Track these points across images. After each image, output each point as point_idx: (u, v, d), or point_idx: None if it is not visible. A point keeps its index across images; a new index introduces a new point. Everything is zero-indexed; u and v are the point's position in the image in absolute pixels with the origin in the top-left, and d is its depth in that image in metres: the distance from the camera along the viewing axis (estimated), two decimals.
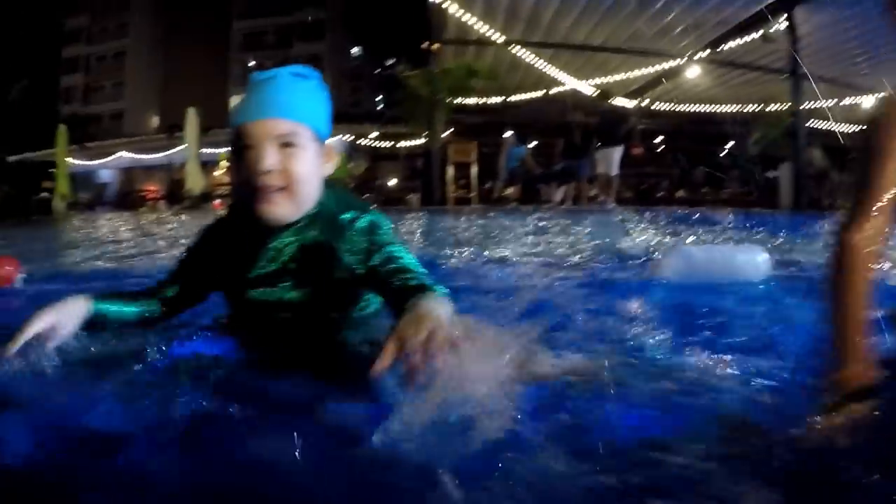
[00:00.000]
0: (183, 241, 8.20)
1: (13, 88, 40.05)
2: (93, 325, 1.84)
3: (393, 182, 31.87)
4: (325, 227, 1.90)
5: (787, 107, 16.98)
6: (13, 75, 41.45)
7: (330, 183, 1.98)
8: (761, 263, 3.31)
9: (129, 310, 1.96)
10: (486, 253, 5.26)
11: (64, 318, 1.73)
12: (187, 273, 2.08)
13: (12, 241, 10.06)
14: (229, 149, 1.91)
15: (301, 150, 1.81)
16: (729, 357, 1.86)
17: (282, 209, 1.82)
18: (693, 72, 19.65)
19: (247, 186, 1.80)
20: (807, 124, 16.70)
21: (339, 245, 1.88)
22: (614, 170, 14.02)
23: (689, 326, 2.24)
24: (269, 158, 1.76)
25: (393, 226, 1.95)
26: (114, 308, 1.93)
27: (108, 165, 39.41)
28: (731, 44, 17.08)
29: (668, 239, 6.25)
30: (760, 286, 3.21)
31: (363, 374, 1.36)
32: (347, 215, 1.91)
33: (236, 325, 2.09)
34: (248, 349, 1.98)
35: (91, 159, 37.92)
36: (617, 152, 13.89)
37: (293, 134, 1.80)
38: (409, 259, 1.82)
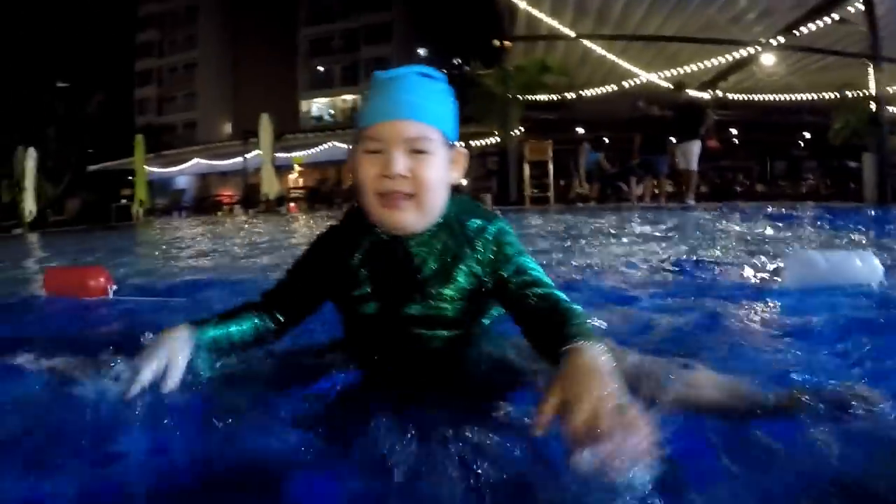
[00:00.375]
0: (262, 245, 8.38)
1: (90, 102, 41.14)
2: (213, 351, 1.77)
3: (465, 182, 31.81)
4: (451, 236, 1.80)
5: (867, 93, 16.48)
6: (90, 90, 42.61)
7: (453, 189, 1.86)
8: (877, 267, 3.13)
9: (242, 328, 1.86)
10: (584, 257, 5.04)
11: (174, 354, 1.64)
12: (301, 285, 1.97)
13: (98, 248, 10.34)
14: (350, 150, 1.85)
15: (431, 155, 1.71)
16: None
17: (408, 217, 1.73)
18: (767, 59, 19.13)
19: (372, 192, 1.72)
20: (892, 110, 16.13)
21: (466, 255, 1.78)
22: (693, 164, 13.82)
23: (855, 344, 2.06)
24: (399, 163, 1.67)
25: (516, 236, 1.84)
26: (225, 331, 1.83)
27: (184, 172, 40.30)
28: (806, 28, 16.54)
29: (767, 239, 6.06)
30: (879, 291, 3.01)
31: (492, 395, 1.43)
32: (474, 224, 1.81)
33: (355, 341, 1.99)
34: (371, 368, 1.90)
35: (167, 166, 38.82)
36: (696, 146, 13.69)
37: (424, 138, 1.70)
38: (538, 271, 1.74)
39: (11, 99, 37.57)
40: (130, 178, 30.10)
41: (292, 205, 24.43)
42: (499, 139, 19.40)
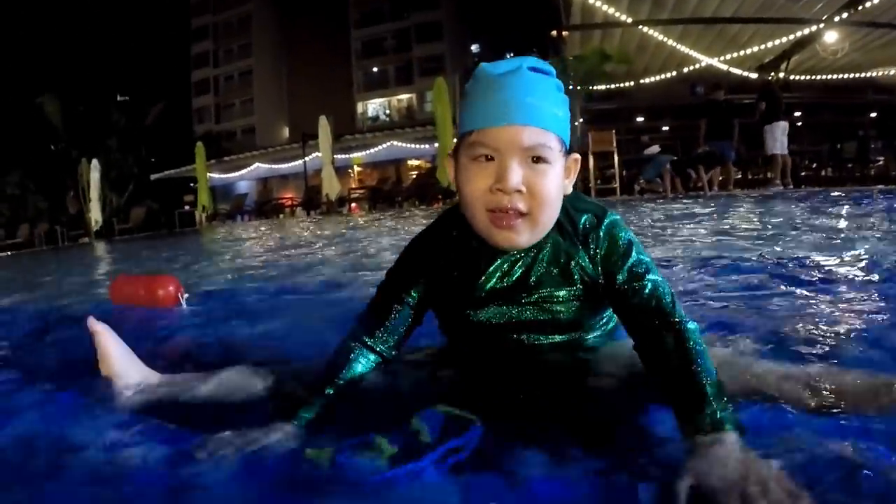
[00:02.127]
0: (327, 250, 8.37)
1: (150, 113, 41.96)
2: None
3: None
4: (562, 234, 1.65)
5: None
6: (149, 101, 43.46)
7: None
8: None
9: (351, 377, 1.67)
10: (676, 251, 4.85)
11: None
12: (402, 299, 1.74)
13: (166, 254, 10.47)
14: (450, 154, 1.65)
15: (550, 166, 1.51)
16: None
17: (521, 238, 1.55)
18: (830, 37, 18.63)
19: (481, 206, 1.54)
20: None
21: (579, 253, 1.64)
22: (780, 147, 13.52)
23: None
24: (515, 175, 1.48)
25: (628, 228, 1.67)
26: (333, 394, 1.62)
27: (245, 177, 40.94)
28: (870, 2, 15.99)
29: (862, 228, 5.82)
30: None
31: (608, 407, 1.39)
32: (585, 220, 1.65)
33: (464, 348, 1.86)
34: (478, 377, 1.80)
35: (228, 172, 39.47)
36: (780, 128, 13.39)
37: (543, 146, 1.50)
38: (654, 276, 1.58)
39: (74, 113, 38.52)
40: (193, 184, 30.61)
41: (354, 205, 24.54)
42: None
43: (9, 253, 19.38)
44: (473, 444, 1.40)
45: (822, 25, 17.68)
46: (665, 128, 19.96)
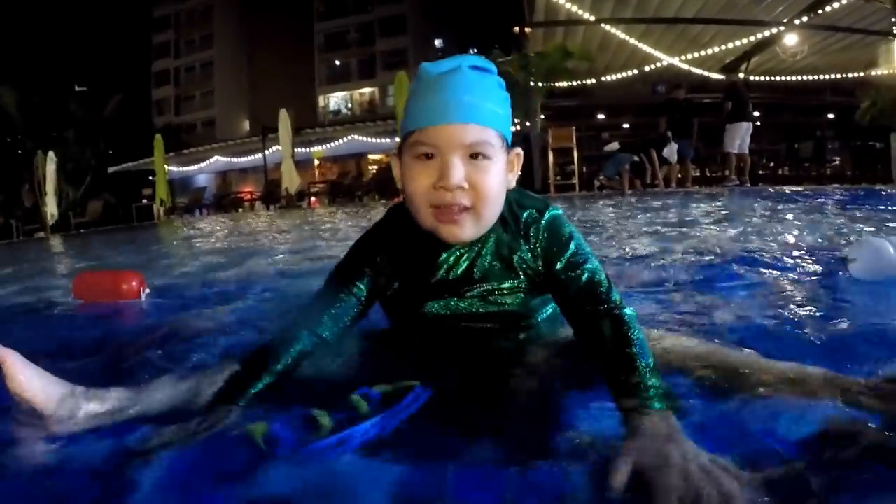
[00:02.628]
0: (285, 243, 8.37)
1: (108, 104, 41.45)
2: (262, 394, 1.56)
3: None
4: (505, 229, 1.69)
5: (893, 72, 16.26)
6: (108, 92, 42.94)
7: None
8: None
9: (288, 362, 1.63)
10: (627, 246, 4.94)
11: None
12: (349, 291, 1.74)
13: (122, 249, 10.39)
14: (395, 153, 1.69)
15: (492, 161, 1.56)
16: None
17: (466, 232, 1.59)
18: (790, 39, 18.91)
19: (425, 203, 1.57)
20: None
21: (520, 248, 1.69)
22: (741, 147, 13.71)
23: None
24: (457, 172, 1.51)
25: (569, 222, 1.72)
26: (272, 379, 1.59)
27: (204, 170, 40.67)
28: (829, 7, 16.25)
29: (818, 225, 5.94)
30: None
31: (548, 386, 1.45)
32: (527, 214, 1.69)
33: (409, 338, 1.87)
34: (423, 357, 1.82)
35: (187, 165, 39.17)
36: (743, 128, 13.58)
37: (484, 143, 1.54)
38: (591, 265, 1.63)
39: (30, 104, 37.94)
40: (151, 177, 30.35)
41: (314, 199, 24.49)
42: (520, 127, 19.35)
43: None
44: (416, 405, 1.45)
45: (782, 28, 17.94)
46: (625, 125, 20.12)
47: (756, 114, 14.09)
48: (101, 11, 65.86)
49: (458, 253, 1.71)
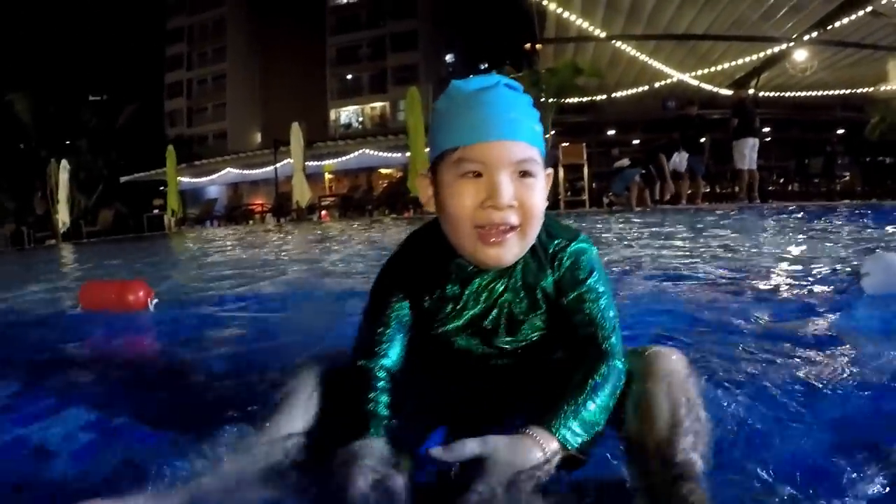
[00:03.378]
0: (293, 254, 8.38)
1: (122, 114, 41.63)
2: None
3: None
4: (534, 258, 1.61)
5: None
6: (121, 102, 43.11)
7: None
8: None
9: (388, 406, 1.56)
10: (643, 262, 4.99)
11: (382, 469, 1.35)
12: (396, 324, 1.65)
13: (133, 258, 10.41)
14: (426, 173, 1.59)
15: (537, 179, 1.48)
16: None
17: (510, 252, 1.50)
18: (799, 55, 18.91)
19: (470, 223, 1.47)
20: None
21: (545, 277, 1.61)
22: (749, 163, 13.68)
23: None
24: (509, 190, 1.43)
25: (598, 257, 1.65)
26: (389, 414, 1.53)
27: (216, 182, 40.66)
28: (838, 23, 16.27)
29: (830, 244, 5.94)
30: None
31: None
32: (556, 243, 1.61)
33: (434, 369, 1.77)
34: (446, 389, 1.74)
35: (199, 176, 39.19)
36: (748, 145, 13.55)
37: (531, 160, 1.46)
38: (601, 305, 1.58)
39: (44, 112, 38.12)
40: (162, 188, 30.40)
41: (324, 212, 24.50)
42: None
43: None
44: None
45: (791, 44, 17.95)
46: (636, 141, 20.09)
47: (765, 129, 14.08)
48: (115, 22, 66.31)
49: (487, 280, 1.62)
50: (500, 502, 1.17)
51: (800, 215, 9.63)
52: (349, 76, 62.36)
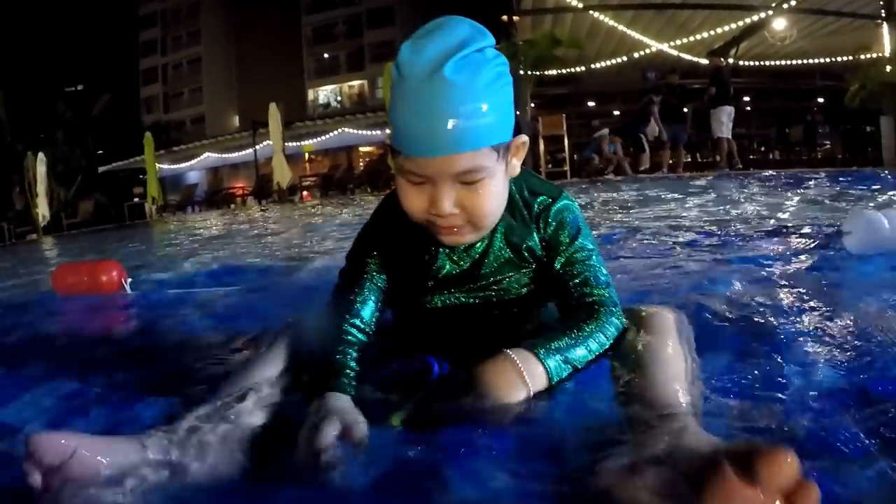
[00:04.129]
0: (274, 234, 8.37)
1: (96, 104, 41.37)
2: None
3: None
4: (516, 218, 1.61)
5: (881, 55, 16.29)
6: (96, 91, 42.84)
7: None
8: None
9: (357, 359, 1.55)
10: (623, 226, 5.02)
11: (348, 419, 1.31)
12: (370, 284, 1.68)
13: (113, 246, 10.39)
14: (389, 145, 1.50)
15: (486, 180, 1.42)
16: None
17: (464, 238, 1.52)
18: (779, 24, 18.93)
19: (420, 219, 1.48)
20: None
21: (530, 235, 1.61)
22: (726, 131, 13.66)
23: None
24: (448, 201, 1.41)
25: (581, 213, 1.65)
26: (358, 369, 1.52)
27: (195, 167, 40.63)
28: None
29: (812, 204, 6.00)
30: None
31: None
32: (539, 201, 1.61)
33: (416, 329, 1.79)
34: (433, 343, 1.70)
35: (178, 163, 39.11)
36: (725, 113, 13.53)
37: (476, 169, 1.39)
38: (591, 263, 1.59)
39: (17, 106, 37.82)
40: (142, 176, 30.32)
41: (305, 193, 24.42)
42: None
43: None
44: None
45: (771, 12, 17.92)
46: (616, 112, 20.06)
47: (746, 98, 14.12)
48: (86, 11, 65.62)
49: (463, 251, 1.62)
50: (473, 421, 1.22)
51: (781, 181, 9.69)
52: (326, 55, 62.11)
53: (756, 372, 1.50)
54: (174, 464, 1.25)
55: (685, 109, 14.53)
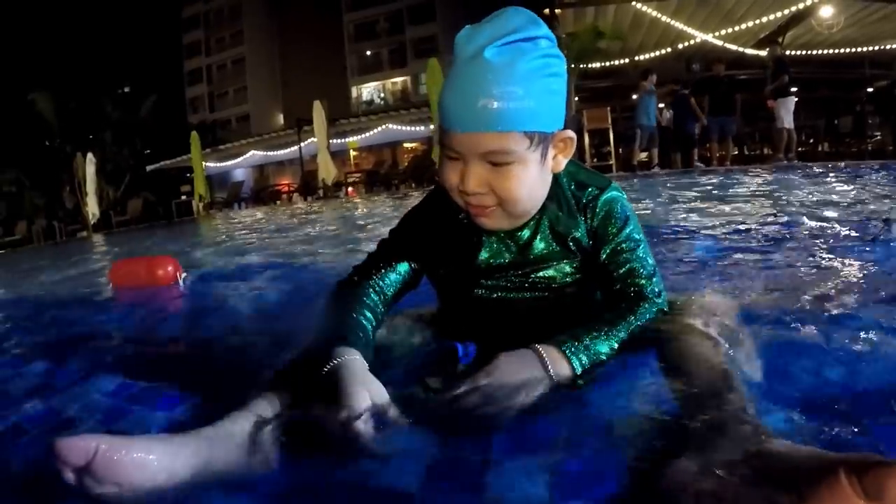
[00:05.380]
0: (322, 230, 8.43)
1: (143, 105, 41.97)
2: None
3: None
4: (562, 208, 1.64)
5: None
6: (142, 92, 43.52)
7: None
8: None
9: (375, 327, 1.62)
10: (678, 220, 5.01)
11: (372, 387, 1.34)
12: (400, 257, 1.76)
13: (164, 242, 10.55)
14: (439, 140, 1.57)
15: (514, 165, 1.47)
16: None
17: (497, 223, 1.57)
18: (826, 11, 18.57)
19: (455, 195, 1.55)
20: None
21: (577, 226, 1.64)
22: (789, 122, 13.51)
23: None
24: (474, 179, 1.47)
25: (629, 204, 1.69)
26: (372, 339, 1.58)
27: (241, 165, 40.96)
28: None
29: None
30: None
31: None
32: (587, 193, 1.65)
33: (460, 317, 1.79)
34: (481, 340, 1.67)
35: (224, 161, 39.44)
36: (792, 102, 13.39)
37: (501, 151, 1.44)
38: (639, 254, 1.63)
39: (66, 108, 38.54)
40: (189, 174, 30.64)
41: (351, 189, 24.57)
42: None
43: (7, 250, 19.40)
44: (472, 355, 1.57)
45: (817, 0, 17.61)
46: (661, 105, 19.81)
47: (793, 89, 13.85)
48: (131, 13, 66.65)
49: (503, 234, 1.66)
50: (494, 408, 1.27)
51: (835, 174, 9.53)
52: (368, 52, 62.38)
53: (806, 368, 1.49)
54: (198, 459, 1.26)
55: (734, 99, 14.33)
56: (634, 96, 15.42)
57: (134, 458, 1.20)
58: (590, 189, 1.65)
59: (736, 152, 16.96)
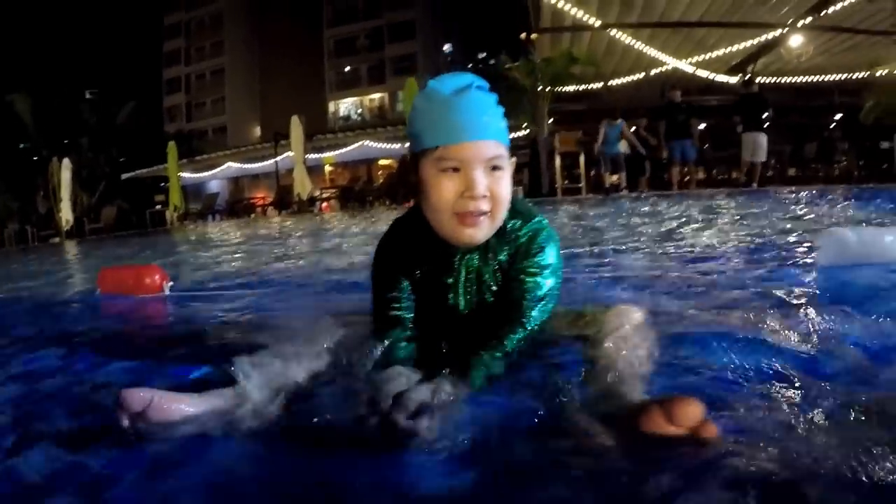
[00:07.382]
0: (287, 244, 8.53)
1: (121, 112, 41.66)
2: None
3: None
4: (497, 237, 1.87)
5: None
6: (119, 100, 43.17)
7: None
8: None
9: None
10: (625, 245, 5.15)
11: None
12: (404, 296, 1.95)
13: (137, 251, 10.56)
14: (415, 164, 1.82)
15: (505, 171, 1.77)
16: None
17: (482, 233, 1.79)
18: (795, 41, 18.95)
19: (450, 210, 1.75)
20: None
21: (501, 251, 1.89)
22: (762, 156, 13.96)
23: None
24: (482, 183, 1.71)
25: (555, 238, 1.93)
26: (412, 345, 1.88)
27: (217, 176, 40.72)
28: (833, 8, 16.35)
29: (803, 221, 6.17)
30: None
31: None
32: (514, 222, 1.89)
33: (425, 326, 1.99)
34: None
35: (200, 171, 39.24)
36: (762, 138, 13.78)
37: (500, 157, 1.75)
38: (538, 280, 1.86)
39: (44, 111, 38.19)
40: (164, 184, 30.52)
41: (325, 204, 24.62)
42: (528, 131, 19.51)
43: None
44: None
45: (786, 29, 18.00)
46: (632, 129, 20.06)
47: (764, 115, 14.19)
48: (113, 19, 66.29)
49: (462, 254, 1.89)
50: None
51: (791, 198, 9.76)
52: (347, 68, 62.33)
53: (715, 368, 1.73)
54: (224, 408, 1.56)
55: (692, 125, 14.62)
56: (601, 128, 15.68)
57: (176, 407, 1.50)
58: (518, 220, 1.89)
59: (702, 176, 17.24)
